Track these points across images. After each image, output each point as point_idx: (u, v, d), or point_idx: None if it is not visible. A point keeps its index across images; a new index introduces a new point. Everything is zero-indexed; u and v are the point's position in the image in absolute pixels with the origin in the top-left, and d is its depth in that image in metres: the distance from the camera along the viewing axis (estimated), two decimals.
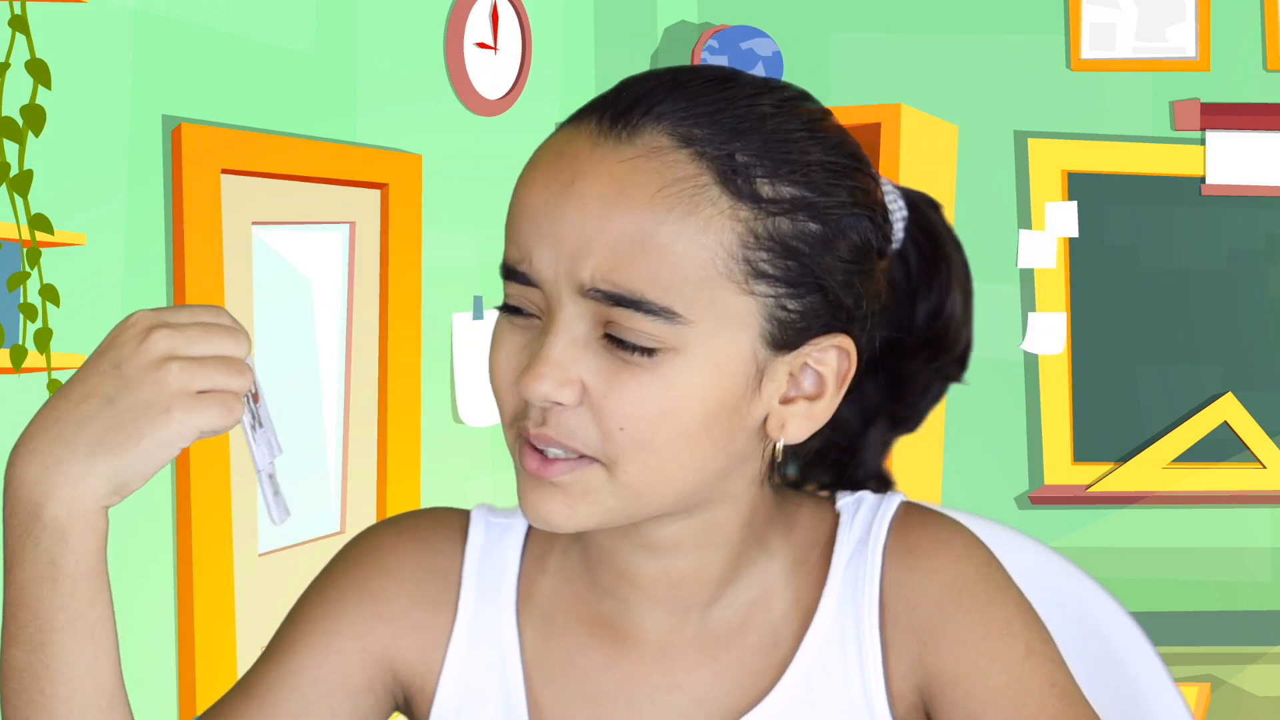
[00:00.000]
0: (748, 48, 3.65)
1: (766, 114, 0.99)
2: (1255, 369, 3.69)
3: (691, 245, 0.95)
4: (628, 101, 0.98)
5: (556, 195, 0.96)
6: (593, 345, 0.96)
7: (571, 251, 0.95)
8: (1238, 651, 3.61)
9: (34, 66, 2.09)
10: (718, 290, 0.96)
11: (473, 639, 1.09)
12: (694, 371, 0.96)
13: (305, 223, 2.81)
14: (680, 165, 0.96)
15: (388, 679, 1.10)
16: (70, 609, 0.94)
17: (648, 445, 0.96)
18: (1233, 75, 3.67)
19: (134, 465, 0.93)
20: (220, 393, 0.94)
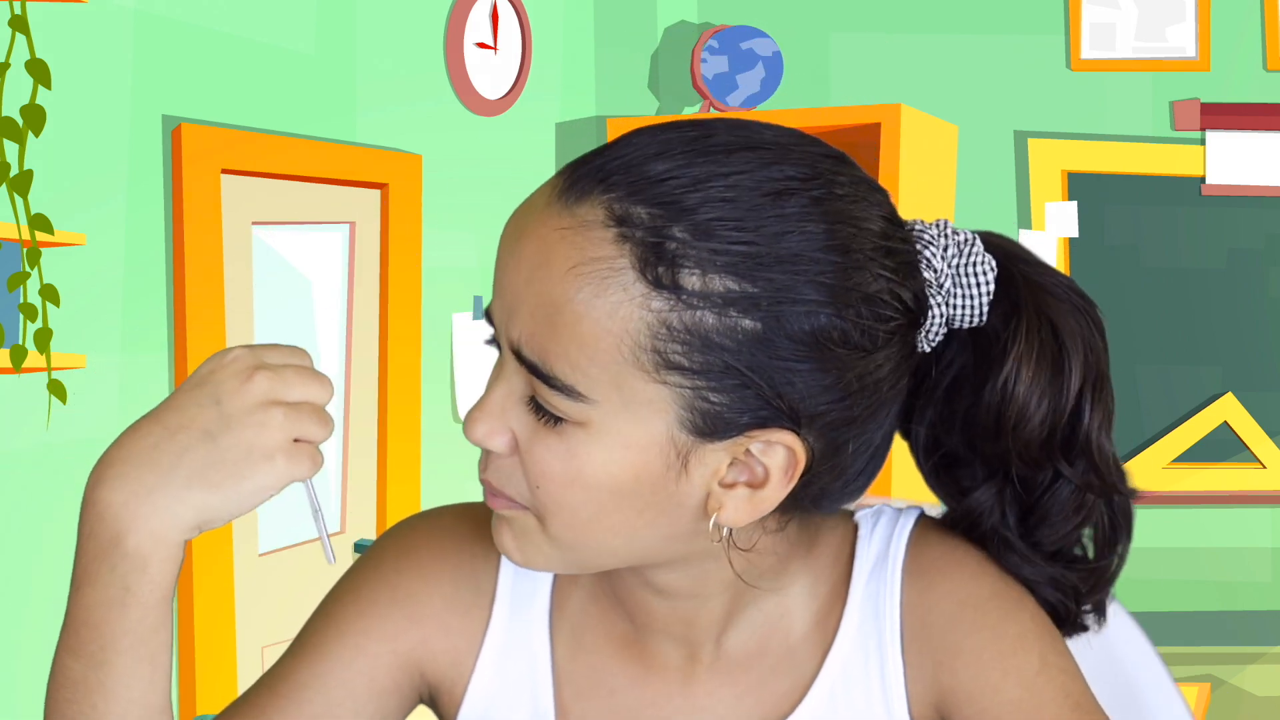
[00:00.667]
0: (748, 48, 3.65)
1: (741, 197, 0.94)
2: (1255, 369, 3.69)
3: (596, 328, 0.93)
4: (599, 164, 0.95)
5: (507, 250, 0.97)
6: (526, 401, 0.97)
7: (508, 308, 0.96)
8: (1238, 651, 3.60)
9: (34, 66, 2.09)
10: (624, 375, 0.94)
11: (505, 647, 1.09)
12: (600, 447, 0.95)
13: (305, 223, 2.81)
14: (600, 245, 0.93)
15: (415, 679, 1.10)
16: (136, 634, 0.95)
17: (560, 505, 0.97)
18: (1233, 75, 3.66)
19: (226, 505, 0.94)
20: (311, 442, 0.94)
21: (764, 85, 3.64)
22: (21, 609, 2.20)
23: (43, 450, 2.22)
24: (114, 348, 2.35)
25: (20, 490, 2.20)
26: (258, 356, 0.94)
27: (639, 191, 0.93)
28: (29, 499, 2.21)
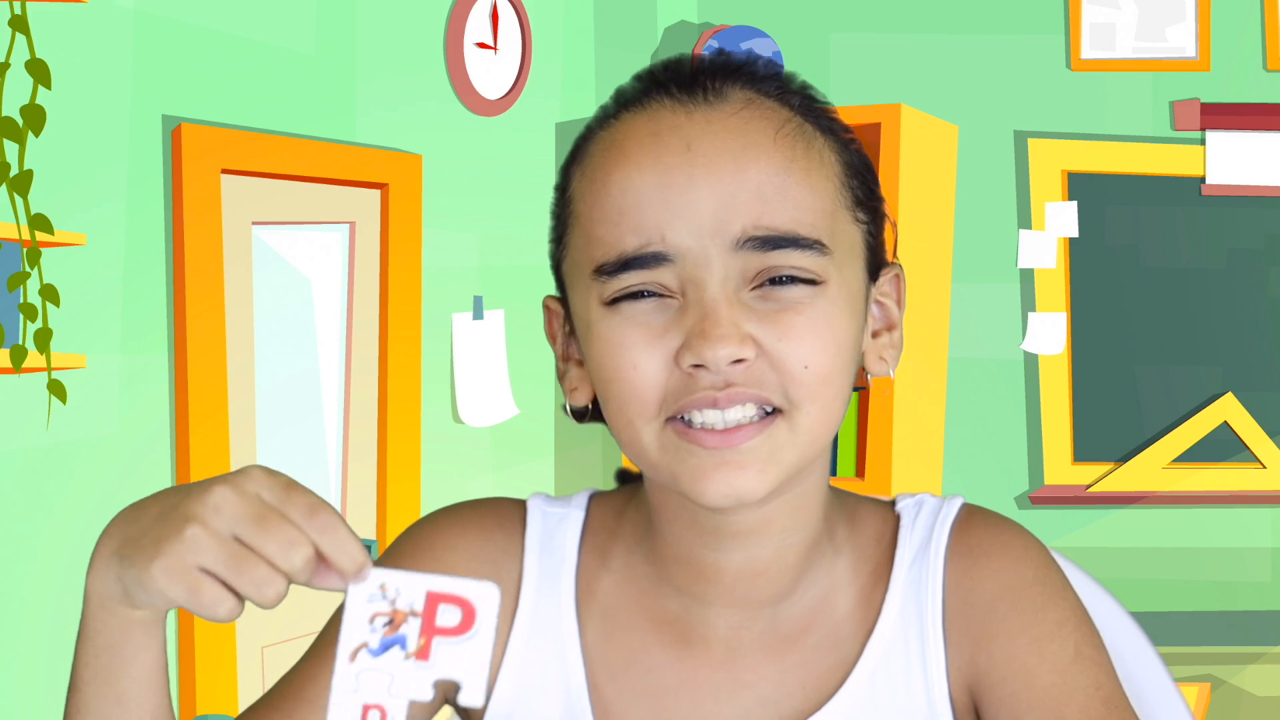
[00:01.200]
0: (748, 48, 3.65)
1: (786, 73, 1.04)
2: (1255, 369, 3.68)
3: (818, 178, 0.99)
4: (686, 75, 1.01)
5: (678, 166, 0.96)
6: (748, 299, 0.96)
7: (713, 211, 0.95)
8: (1238, 651, 3.60)
9: (34, 66, 2.09)
10: (839, 220, 1.00)
11: (532, 633, 1.08)
12: (843, 301, 0.99)
13: (305, 223, 2.81)
14: (778, 110, 1.01)
15: None
16: (94, 670, 0.93)
17: (829, 380, 0.97)
18: (1233, 75, 3.66)
19: (136, 585, 0.86)
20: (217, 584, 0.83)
21: None
22: (21, 609, 2.20)
23: (43, 450, 2.22)
24: (114, 348, 2.35)
25: (20, 490, 2.20)
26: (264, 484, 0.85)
27: (745, 75, 1.02)
28: (29, 499, 2.21)
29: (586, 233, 1.00)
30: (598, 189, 0.99)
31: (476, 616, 0.83)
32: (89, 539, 2.47)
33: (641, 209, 0.96)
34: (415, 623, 0.84)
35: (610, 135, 1.01)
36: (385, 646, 0.84)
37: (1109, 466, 3.69)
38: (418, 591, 0.83)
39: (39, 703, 2.22)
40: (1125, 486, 3.67)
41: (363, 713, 0.84)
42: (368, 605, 0.84)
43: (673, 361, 0.96)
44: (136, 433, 2.37)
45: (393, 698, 0.84)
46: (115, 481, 2.33)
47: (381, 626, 0.84)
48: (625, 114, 1.01)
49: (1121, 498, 3.67)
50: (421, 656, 0.84)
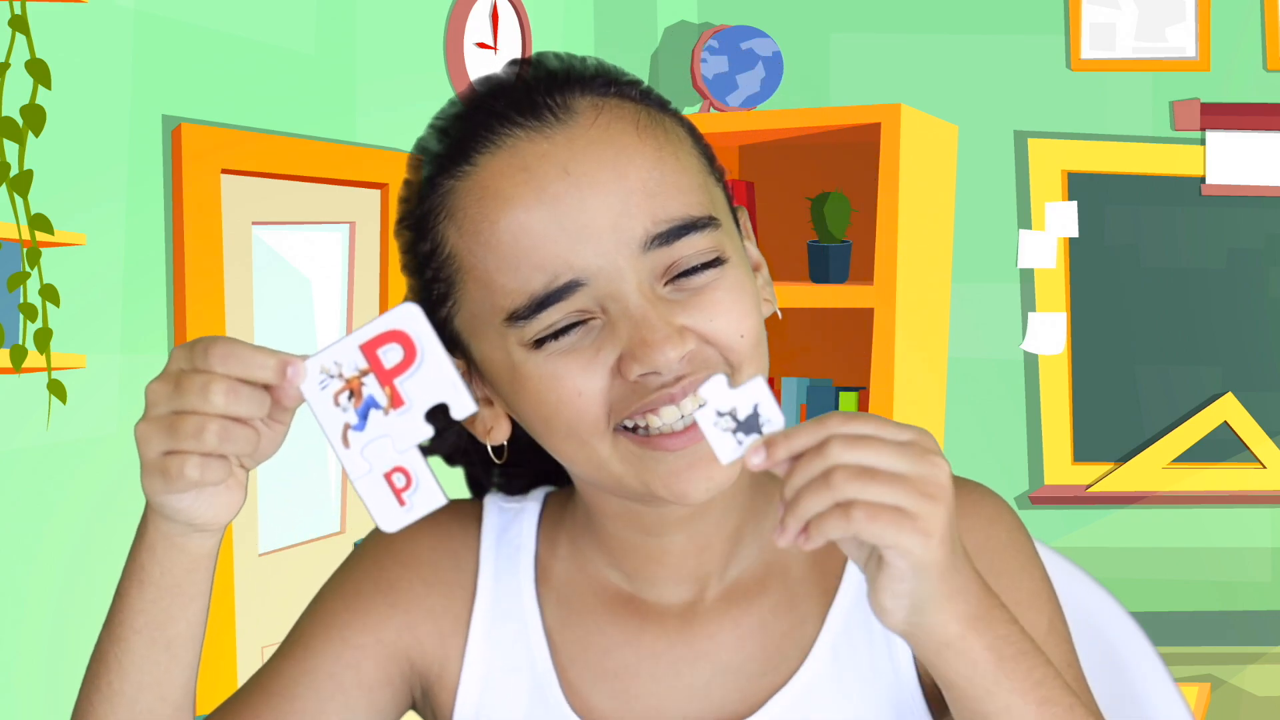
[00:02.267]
0: (748, 48, 3.65)
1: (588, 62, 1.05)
2: (1255, 369, 3.68)
3: (686, 158, 1.01)
4: (522, 99, 1.00)
5: (562, 195, 0.96)
6: (665, 294, 0.98)
7: (611, 223, 0.96)
8: (1238, 651, 3.60)
9: (34, 66, 2.09)
10: (711, 189, 1.02)
11: (494, 616, 1.09)
12: (742, 270, 1.01)
13: (305, 223, 2.81)
14: (625, 106, 1.01)
15: (405, 670, 1.10)
16: (149, 615, 0.95)
17: (760, 339, 1.00)
18: (1233, 75, 3.66)
19: (166, 513, 0.92)
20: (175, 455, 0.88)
21: (764, 85, 3.64)
22: (21, 609, 2.20)
23: (43, 450, 2.22)
24: (114, 348, 2.35)
25: (20, 490, 2.20)
26: (178, 359, 0.89)
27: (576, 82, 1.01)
28: (29, 499, 2.21)
29: (484, 284, 0.99)
30: (485, 239, 0.98)
31: (414, 340, 0.87)
32: (89, 539, 2.47)
33: (541, 246, 0.96)
34: (372, 379, 0.87)
35: (477, 182, 0.99)
36: (364, 416, 0.87)
37: (1109, 466, 3.69)
38: (352, 352, 0.87)
39: (39, 702, 2.22)
40: (1125, 486, 3.67)
41: (388, 482, 0.87)
42: (323, 393, 0.87)
43: (613, 374, 0.97)
44: None
45: (401, 453, 0.87)
46: (115, 481, 2.33)
47: (348, 401, 0.87)
48: (480, 157, 1.00)
49: (1121, 498, 3.67)
50: (397, 404, 0.87)
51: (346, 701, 1.07)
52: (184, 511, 0.91)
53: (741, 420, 0.87)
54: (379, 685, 1.09)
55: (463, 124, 1.02)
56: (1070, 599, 1.27)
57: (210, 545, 0.95)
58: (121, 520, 2.35)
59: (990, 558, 1.05)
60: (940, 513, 0.86)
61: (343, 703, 1.07)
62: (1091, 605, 1.28)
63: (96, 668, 0.98)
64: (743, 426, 0.87)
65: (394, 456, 0.87)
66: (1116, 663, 1.27)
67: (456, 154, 1.01)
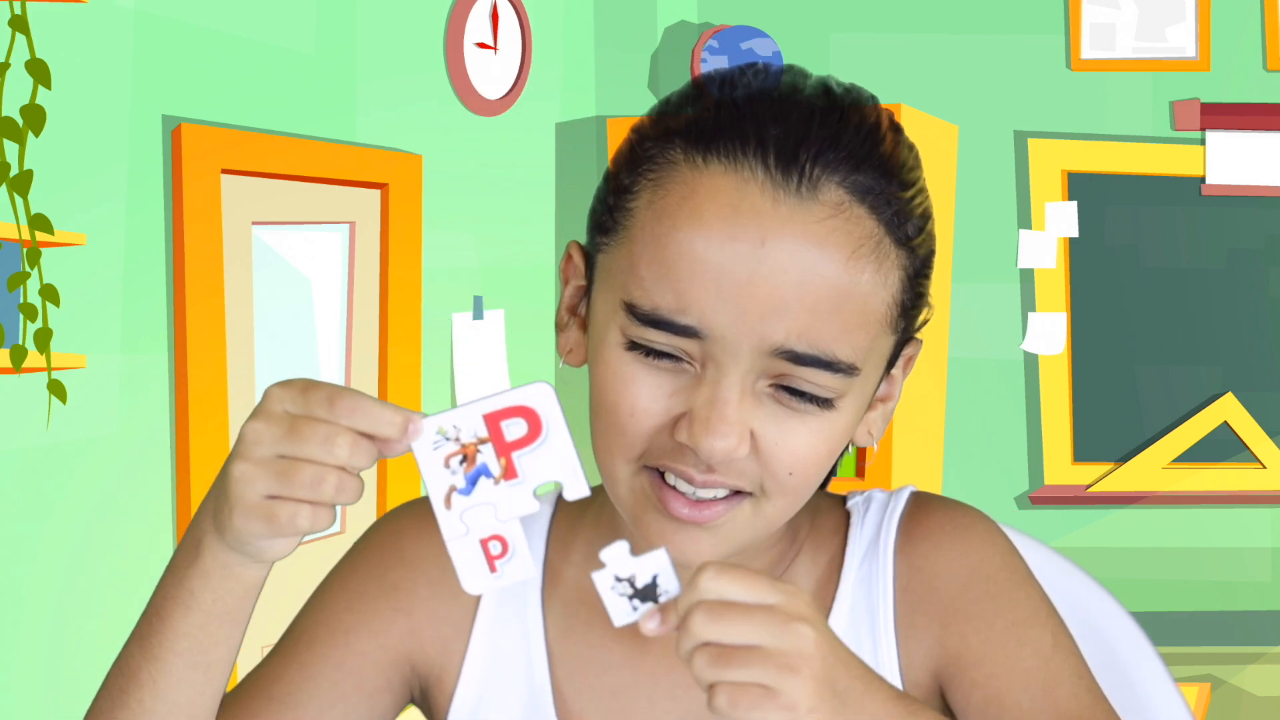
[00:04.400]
0: (748, 48, 3.65)
1: (888, 142, 0.99)
2: (1255, 369, 3.68)
3: (877, 302, 0.96)
4: (791, 144, 0.95)
5: (745, 256, 0.93)
6: (760, 395, 0.95)
7: (763, 313, 0.93)
8: (1238, 651, 3.60)
9: (34, 66, 2.09)
10: (879, 340, 0.98)
11: (496, 625, 1.08)
12: (851, 413, 0.98)
13: (305, 223, 2.81)
14: (862, 222, 0.96)
15: (405, 673, 1.09)
16: (195, 639, 0.95)
17: (809, 485, 0.98)
18: (1233, 75, 3.66)
19: (239, 547, 0.91)
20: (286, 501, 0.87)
21: None
22: (21, 609, 2.20)
23: (43, 450, 2.22)
24: (114, 348, 2.35)
25: (20, 490, 2.20)
26: (285, 400, 0.88)
27: (850, 161, 0.96)
28: (29, 499, 2.21)
29: (633, 261, 0.98)
30: (661, 234, 0.96)
31: (541, 418, 0.85)
32: (89, 539, 2.47)
33: (692, 279, 0.94)
34: (489, 449, 0.85)
35: (692, 183, 0.96)
36: (472, 482, 0.86)
37: (1109, 466, 3.69)
38: (475, 420, 0.85)
39: (39, 702, 2.22)
40: (1125, 486, 3.67)
41: (483, 548, 0.87)
42: (435, 453, 0.86)
43: (670, 423, 0.96)
44: (136, 433, 2.37)
45: (502, 522, 0.87)
46: (115, 481, 2.33)
47: (459, 465, 0.86)
48: (714, 163, 0.96)
49: (1121, 498, 3.67)
50: (510, 475, 0.86)
51: (347, 708, 1.07)
52: (261, 550, 0.91)
53: (639, 588, 0.88)
54: (380, 690, 1.08)
55: (726, 115, 0.98)
56: (1070, 599, 1.27)
57: (264, 575, 0.95)
58: (121, 520, 2.35)
59: (985, 583, 1.05)
60: (802, 684, 0.84)
61: (343, 709, 1.07)
62: (1091, 605, 1.28)
63: (124, 684, 0.97)
64: (639, 594, 0.88)
65: (494, 525, 0.87)
66: (1116, 663, 1.26)
67: (700, 137, 0.98)
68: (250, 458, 0.87)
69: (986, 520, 1.09)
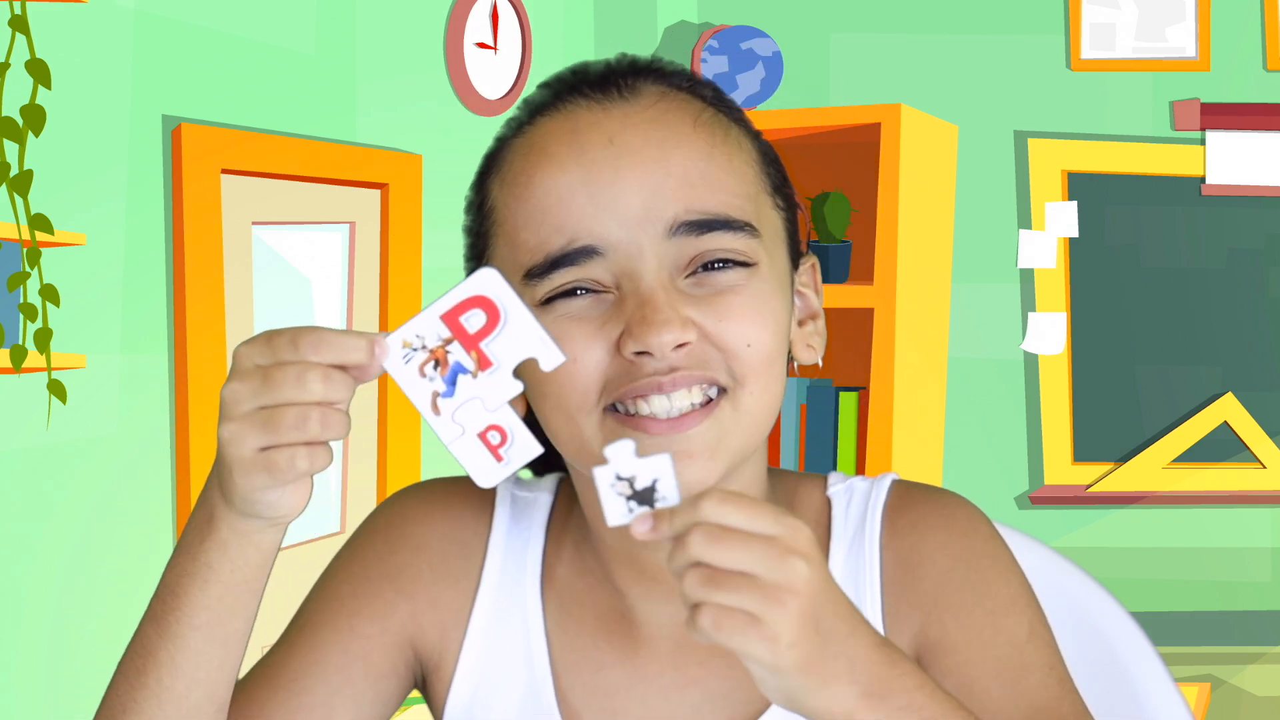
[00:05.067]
0: (748, 48, 3.65)
1: (687, 70, 1.05)
2: (1255, 369, 3.68)
3: (740, 163, 1.00)
4: (603, 74, 1.02)
5: (601, 161, 0.97)
6: (683, 286, 0.97)
7: (643, 201, 0.96)
8: (1238, 651, 3.60)
9: (34, 66, 2.09)
10: (763, 204, 1.01)
11: (496, 611, 1.08)
12: (773, 282, 1.00)
13: (305, 223, 2.81)
14: (693, 103, 1.01)
15: (409, 657, 1.09)
16: (213, 612, 0.95)
17: (770, 359, 0.98)
18: (1233, 75, 3.66)
19: (251, 509, 0.92)
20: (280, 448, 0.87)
21: (764, 85, 3.64)
22: (21, 609, 2.20)
23: (43, 450, 2.22)
24: (114, 348, 2.35)
25: (20, 490, 2.20)
26: (252, 354, 0.89)
27: (655, 74, 1.02)
28: (29, 499, 2.21)
29: (511, 239, 1.00)
30: (520, 193, 0.99)
31: (495, 303, 0.87)
32: (89, 539, 2.47)
33: (567, 206, 0.97)
34: (457, 346, 0.87)
35: (528, 140, 1.01)
36: (451, 382, 0.87)
37: (1109, 466, 3.69)
38: (434, 324, 0.87)
39: (39, 702, 2.22)
40: (1125, 486, 3.67)
41: (483, 441, 0.88)
42: (407, 366, 0.87)
43: (613, 351, 0.96)
44: (136, 433, 2.37)
45: (492, 411, 0.88)
46: (115, 481, 2.33)
47: (434, 371, 0.87)
48: (540, 119, 1.02)
49: (1121, 498, 3.67)
50: (484, 366, 0.87)
51: (354, 693, 1.07)
52: (272, 505, 0.91)
53: (638, 489, 0.87)
54: (386, 675, 1.08)
55: (541, 93, 1.04)
56: (1070, 599, 1.27)
57: (280, 538, 0.95)
58: (121, 520, 2.35)
59: (966, 569, 1.05)
60: (788, 617, 0.83)
61: (351, 694, 1.07)
62: (1091, 605, 1.28)
63: (141, 664, 0.97)
64: (637, 496, 0.87)
65: (486, 416, 0.88)
66: (1116, 663, 1.26)
67: (526, 116, 1.04)
68: (234, 417, 0.88)
69: (969, 507, 1.09)
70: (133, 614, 1.02)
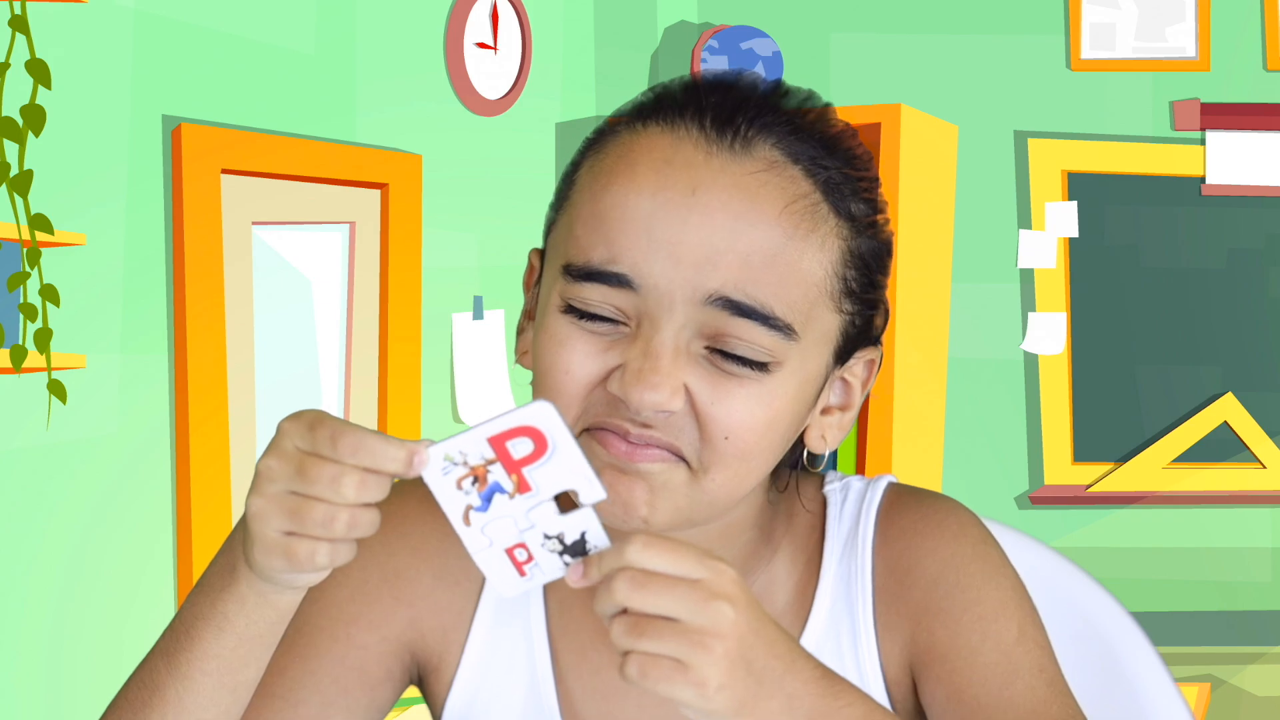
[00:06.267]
0: (748, 48, 3.65)
1: (835, 125, 1.01)
2: (1255, 369, 3.68)
3: (811, 263, 0.96)
4: (728, 109, 0.97)
5: (676, 204, 0.94)
6: (695, 355, 0.95)
7: (696, 261, 0.94)
8: (1238, 651, 3.60)
9: (34, 66, 2.09)
10: (819, 308, 0.98)
11: (498, 616, 1.08)
12: (791, 385, 0.97)
13: (305, 223, 2.81)
14: (797, 181, 0.97)
15: (405, 662, 1.09)
16: (224, 660, 0.95)
17: (746, 455, 0.96)
18: (1233, 75, 3.66)
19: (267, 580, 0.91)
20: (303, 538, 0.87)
21: None
22: (22, 609, 2.20)
23: (43, 450, 2.22)
24: (114, 348, 2.35)
25: (20, 490, 2.20)
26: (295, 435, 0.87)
27: (789, 129, 0.98)
28: (29, 499, 2.21)
29: (570, 224, 1.00)
30: (596, 190, 0.98)
31: (545, 435, 0.85)
32: (89, 539, 2.47)
33: (624, 229, 0.95)
34: (498, 468, 0.86)
35: (629, 142, 0.99)
36: (487, 499, 0.86)
37: (1109, 466, 3.69)
38: (480, 444, 0.85)
39: (39, 702, 2.22)
40: (1125, 486, 3.67)
41: (509, 556, 0.87)
42: (445, 478, 0.86)
43: (602, 378, 0.96)
44: (136, 433, 2.37)
45: (523, 532, 0.87)
46: (115, 481, 2.33)
47: (471, 486, 0.86)
48: (653, 126, 0.99)
49: (1121, 498, 3.67)
50: (522, 490, 0.86)
51: (350, 702, 1.07)
52: (292, 580, 0.91)
53: (569, 544, 0.87)
54: (382, 681, 1.08)
55: (669, 94, 1.01)
56: (1070, 599, 1.27)
57: (299, 598, 0.95)
58: (122, 520, 2.35)
59: (955, 575, 1.05)
60: (714, 662, 0.83)
61: (346, 704, 1.07)
62: (1091, 605, 1.28)
63: (147, 697, 0.97)
64: (569, 550, 0.87)
65: (516, 535, 0.87)
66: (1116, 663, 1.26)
67: (642, 110, 1.01)
68: (265, 494, 0.87)
69: (961, 511, 1.09)
70: (133, 614, 1.02)
